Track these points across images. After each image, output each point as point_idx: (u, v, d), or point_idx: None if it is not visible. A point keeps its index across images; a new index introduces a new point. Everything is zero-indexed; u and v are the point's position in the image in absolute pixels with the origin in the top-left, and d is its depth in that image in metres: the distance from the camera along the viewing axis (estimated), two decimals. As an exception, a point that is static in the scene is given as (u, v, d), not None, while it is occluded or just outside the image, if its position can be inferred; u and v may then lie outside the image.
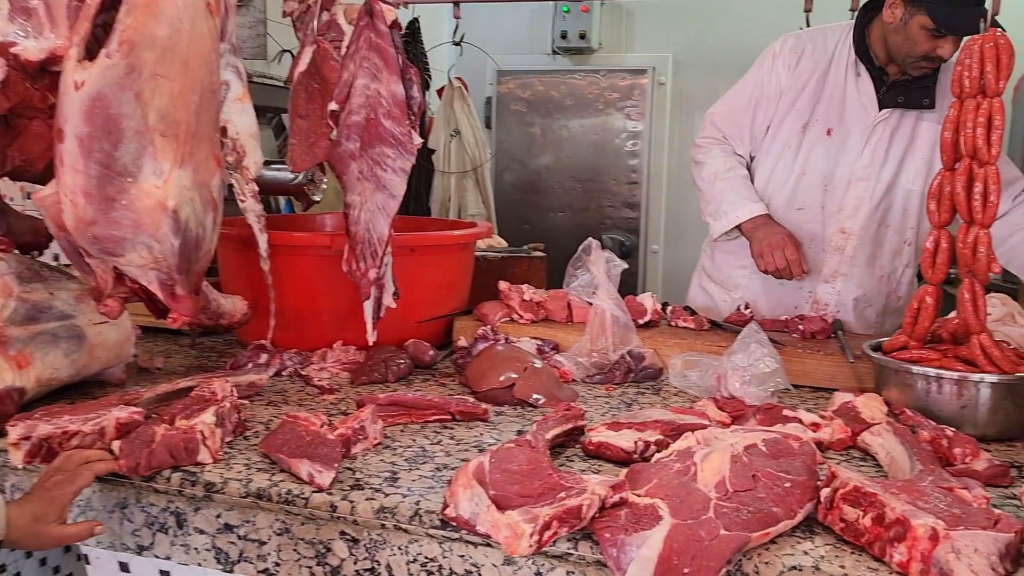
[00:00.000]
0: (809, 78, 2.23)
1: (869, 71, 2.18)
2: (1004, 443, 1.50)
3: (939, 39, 1.99)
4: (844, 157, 2.21)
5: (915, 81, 2.13)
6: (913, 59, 2.06)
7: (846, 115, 2.20)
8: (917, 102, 2.15)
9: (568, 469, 1.31)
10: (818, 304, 2.32)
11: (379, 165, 1.71)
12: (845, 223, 2.25)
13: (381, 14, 1.72)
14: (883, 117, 2.18)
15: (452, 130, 4.48)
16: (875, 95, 2.18)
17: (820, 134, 2.22)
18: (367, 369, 1.79)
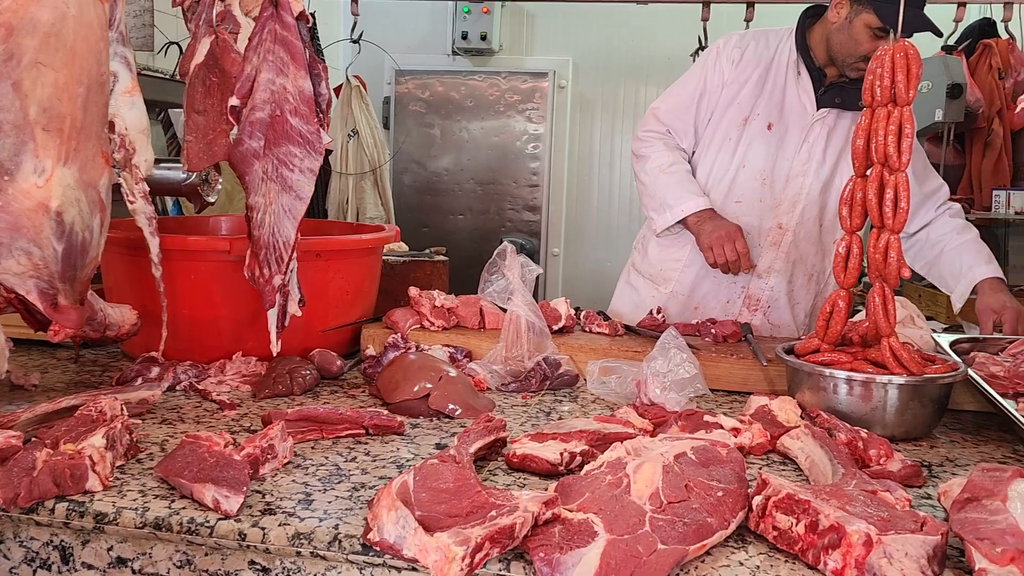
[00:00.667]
0: (751, 73, 2.27)
1: (809, 71, 2.24)
2: (911, 443, 1.54)
3: (881, 39, 2.05)
4: (783, 152, 2.26)
5: (852, 83, 2.19)
6: (853, 59, 2.13)
7: (785, 112, 2.26)
8: (853, 104, 2.22)
9: (493, 484, 1.26)
10: (750, 299, 2.35)
11: (285, 165, 1.61)
12: (783, 218, 2.29)
13: (287, 5, 1.63)
14: (820, 116, 2.24)
15: (350, 130, 4.36)
16: (814, 95, 2.24)
17: (760, 128, 2.27)
18: (270, 382, 1.69)
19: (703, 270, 2.35)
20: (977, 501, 1.09)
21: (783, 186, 2.27)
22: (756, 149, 2.26)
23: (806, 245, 2.31)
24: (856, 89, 2.17)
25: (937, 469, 1.40)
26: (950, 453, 1.48)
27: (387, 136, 5.26)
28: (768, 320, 2.37)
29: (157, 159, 2.15)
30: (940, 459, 1.45)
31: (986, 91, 3.99)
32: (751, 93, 2.26)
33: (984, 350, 1.85)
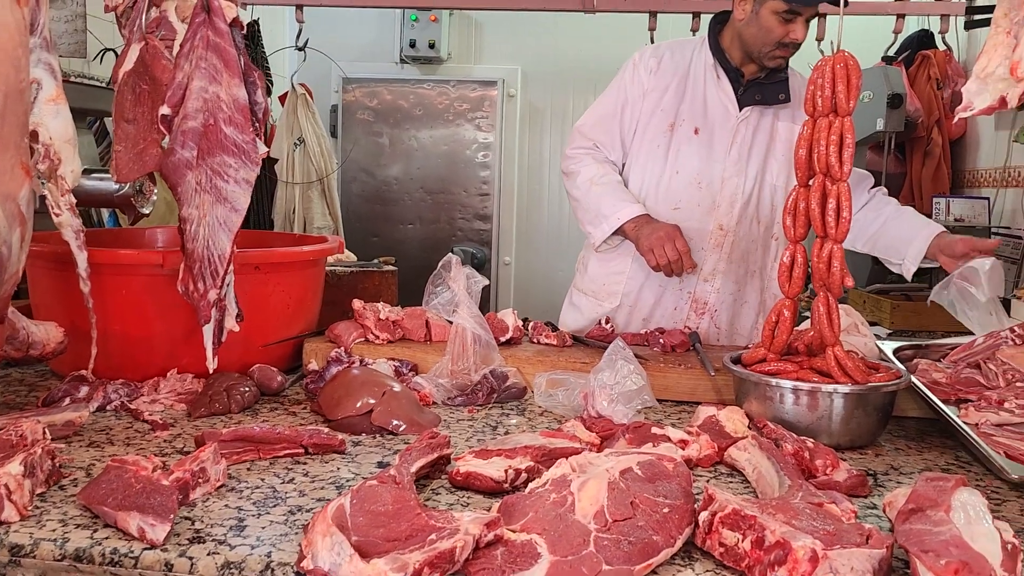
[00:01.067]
0: (671, 80, 2.30)
1: (727, 72, 2.27)
2: (856, 451, 1.54)
3: (790, 22, 2.12)
4: (713, 155, 2.28)
5: (769, 79, 2.25)
6: (769, 48, 2.18)
7: (709, 115, 2.28)
8: (774, 98, 2.27)
9: (435, 504, 1.22)
10: (697, 304, 2.36)
11: (220, 176, 1.55)
12: (722, 220, 2.30)
13: (220, 10, 1.57)
14: (744, 116, 2.27)
15: (296, 139, 4.28)
16: (734, 95, 2.27)
17: (688, 133, 2.29)
18: (207, 400, 1.63)
19: (647, 280, 2.35)
20: (921, 512, 1.08)
21: (719, 188, 2.28)
22: (686, 154, 2.28)
23: (748, 243, 2.33)
24: (773, 84, 2.25)
25: (883, 478, 1.40)
26: (895, 461, 1.49)
27: (335, 145, 5.19)
28: (715, 324, 2.37)
29: (89, 169, 2.09)
30: (885, 467, 1.46)
31: (925, 101, 4.08)
32: (673, 99, 2.29)
33: (927, 356, 1.87)
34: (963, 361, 1.77)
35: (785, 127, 2.29)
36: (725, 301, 2.35)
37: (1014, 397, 1.61)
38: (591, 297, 2.45)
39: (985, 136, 4.05)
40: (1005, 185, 3.80)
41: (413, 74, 5.41)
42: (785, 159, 2.28)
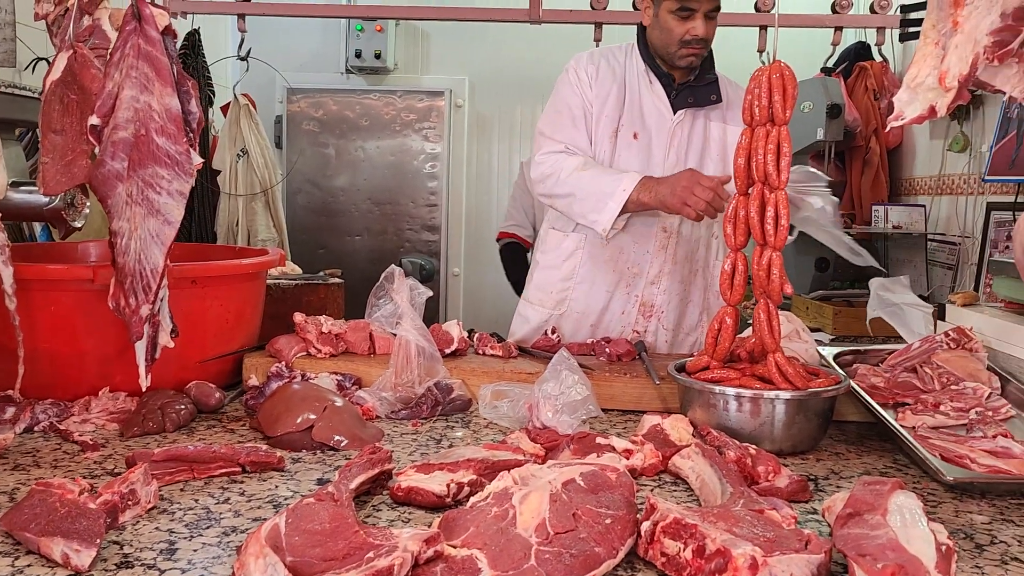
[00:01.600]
0: (610, 88, 2.33)
1: (659, 78, 2.32)
2: (798, 456, 1.55)
3: (688, 19, 2.18)
4: (652, 159, 2.31)
5: (699, 80, 2.30)
6: (674, 48, 2.23)
7: (646, 120, 2.32)
8: (706, 99, 2.31)
9: (376, 521, 1.20)
10: (645, 307, 2.38)
11: (151, 187, 1.51)
12: (665, 222, 2.32)
13: (151, 18, 1.54)
14: (679, 119, 2.31)
15: (239, 150, 4.20)
16: (668, 100, 2.31)
17: (628, 138, 2.32)
18: (140, 419, 1.58)
19: (592, 287, 2.37)
20: (859, 516, 1.09)
21: None
22: (628, 159, 2.31)
23: (690, 243, 2.37)
24: (704, 86, 2.30)
25: (823, 483, 1.42)
26: (835, 466, 1.50)
27: (279, 156, 5.11)
28: (663, 325, 2.39)
29: (17, 182, 2.02)
30: (826, 472, 1.47)
31: (863, 111, 4.17)
32: (614, 106, 2.32)
33: (865, 361, 1.90)
34: (900, 365, 1.81)
35: (717, 127, 2.34)
36: (672, 302, 2.38)
37: (949, 400, 1.65)
38: (539, 307, 2.45)
39: (921, 145, 4.17)
40: (940, 193, 3.91)
41: (359, 84, 5.36)
42: (720, 159, 2.33)
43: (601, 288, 2.37)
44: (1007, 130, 2.99)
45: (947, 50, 1.37)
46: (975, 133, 3.59)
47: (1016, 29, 1.33)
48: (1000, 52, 1.33)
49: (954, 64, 1.36)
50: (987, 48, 1.33)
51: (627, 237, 2.32)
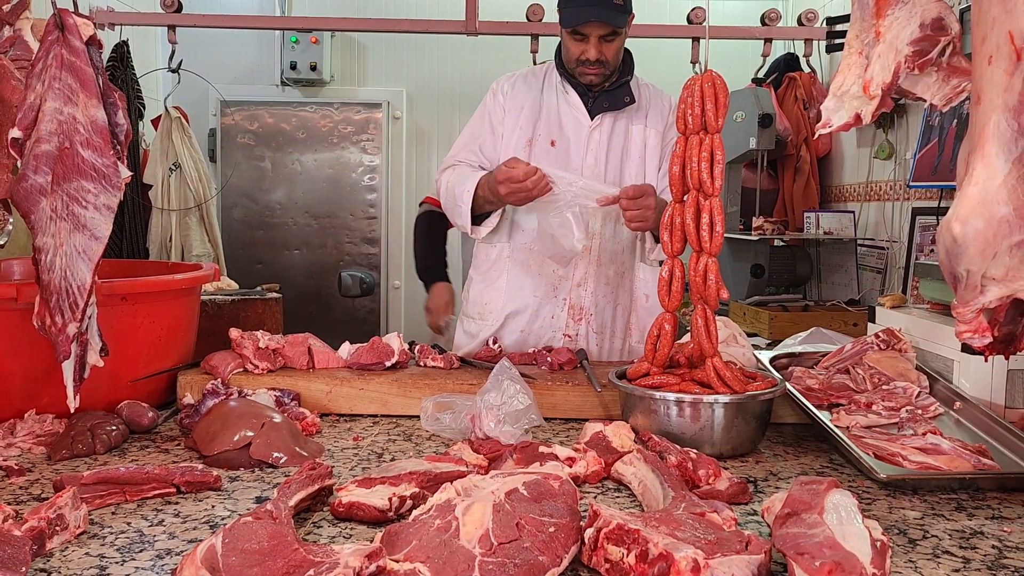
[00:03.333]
0: (526, 100, 2.41)
1: (575, 87, 2.37)
2: (738, 459, 1.58)
3: (581, 42, 2.25)
4: (570, 165, 2.35)
5: (614, 86, 2.35)
6: (574, 67, 2.32)
7: (564, 127, 2.38)
8: (620, 102, 2.37)
9: (316, 538, 1.18)
10: (574, 310, 2.40)
11: (77, 202, 1.46)
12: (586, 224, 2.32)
13: (75, 28, 1.49)
14: (596, 124, 2.37)
15: (171, 164, 4.11)
16: (584, 107, 2.37)
17: (545, 147, 2.38)
18: (68, 441, 1.52)
19: (519, 292, 2.40)
20: (797, 516, 1.11)
21: None
22: (544, 166, 2.28)
23: (614, 245, 2.40)
24: (617, 89, 2.36)
25: (762, 484, 1.44)
26: (774, 467, 1.53)
27: (214, 169, 5.01)
28: (592, 328, 2.41)
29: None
30: (765, 473, 1.50)
31: (793, 121, 4.29)
32: (529, 117, 2.39)
33: (801, 364, 1.94)
34: (834, 367, 1.85)
35: (638, 130, 2.39)
36: (599, 304, 2.41)
37: (881, 400, 1.69)
38: (477, 320, 2.47)
39: (848, 153, 4.29)
40: (868, 199, 4.03)
41: (295, 97, 5.30)
42: (640, 160, 2.39)
43: (529, 294, 2.41)
44: (929, 137, 3.10)
45: (870, 59, 1.42)
46: (899, 141, 3.71)
47: (935, 39, 1.38)
48: (920, 61, 1.38)
49: (877, 73, 1.40)
50: (908, 57, 1.38)
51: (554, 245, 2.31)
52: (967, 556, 1.14)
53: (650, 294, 2.44)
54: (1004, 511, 1.31)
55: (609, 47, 2.25)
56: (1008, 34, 1.09)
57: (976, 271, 1.14)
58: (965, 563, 1.12)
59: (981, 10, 1.14)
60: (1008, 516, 1.29)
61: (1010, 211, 1.10)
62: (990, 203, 1.11)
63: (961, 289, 1.17)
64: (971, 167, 1.14)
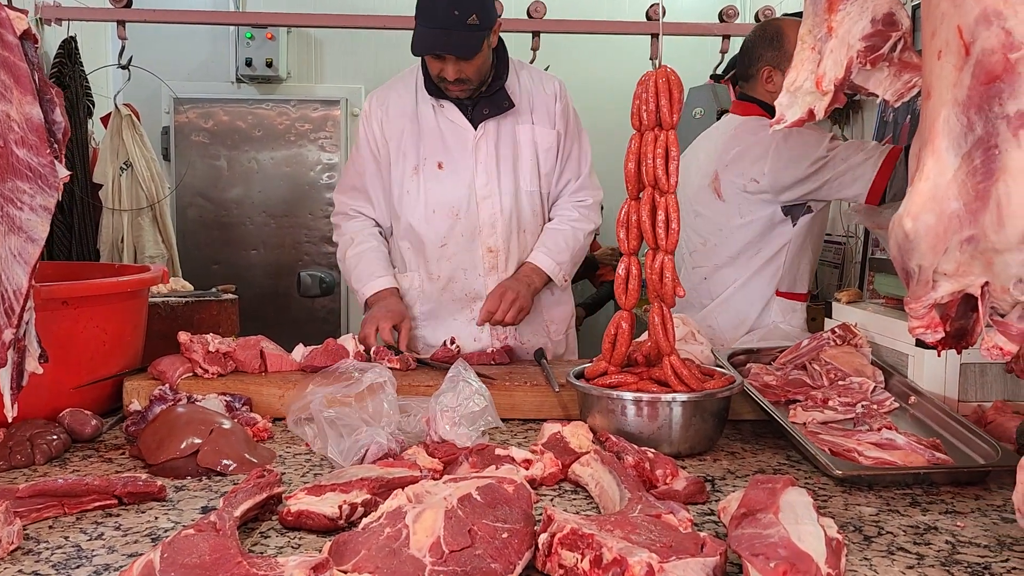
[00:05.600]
0: (403, 125, 2.30)
1: (450, 99, 2.27)
2: (696, 458, 1.57)
3: (438, 59, 2.14)
4: (462, 182, 2.28)
5: (490, 89, 2.26)
6: (437, 82, 2.22)
7: (449, 145, 2.28)
8: (499, 107, 2.27)
9: (263, 549, 1.14)
10: (496, 328, 2.35)
11: (12, 203, 1.40)
12: (489, 242, 2.31)
13: (7, 22, 1.43)
14: (480, 133, 2.28)
15: (122, 162, 4.01)
16: (465, 117, 2.28)
17: (432, 170, 2.29)
18: (6, 452, 1.46)
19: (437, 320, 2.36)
20: (752, 516, 1.10)
21: (476, 213, 2.29)
22: (436, 191, 2.29)
23: (520, 255, 2.35)
24: (495, 93, 2.26)
25: (720, 483, 1.43)
26: (731, 465, 1.52)
27: (167, 168, 4.91)
28: (520, 340, 2.38)
29: None
30: (723, 472, 1.49)
31: (751, 116, 4.31)
32: (412, 142, 2.30)
33: (758, 360, 1.94)
34: (791, 363, 1.85)
35: (525, 130, 2.30)
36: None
37: (837, 395, 1.70)
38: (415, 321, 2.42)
39: (806, 149, 4.32)
40: (825, 195, 4.06)
41: (251, 94, 5.21)
42: (532, 163, 2.32)
43: (447, 318, 2.35)
44: (884, 133, 3.13)
45: (823, 55, 1.41)
46: (855, 136, 3.74)
47: (886, 34, 1.38)
48: (872, 56, 1.38)
49: (830, 68, 1.40)
50: (860, 52, 1.38)
51: (452, 265, 2.32)
52: (921, 552, 1.14)
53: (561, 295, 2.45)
54: (957, 505, 1.31)
55: (468, 65, 2.13)
56: (957, 29, 1.08)
57: (928, 266, 1.14)
58: (919, 559, 1.12)
59: (930, 5, 1.14)
60: (961, 511, 1.29)
61: (960, 206, 1.09)
62: (941, 198, 1.11)
63: (913, 285, 1.17)
64: (922, 162, 1.14)
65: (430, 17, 2.09)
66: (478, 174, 2.27)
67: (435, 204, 2.28)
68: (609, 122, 3.82)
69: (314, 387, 1.68)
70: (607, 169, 2.68)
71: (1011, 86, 1.00)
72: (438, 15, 2.07)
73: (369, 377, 1.67)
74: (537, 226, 2.35)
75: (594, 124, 5.18)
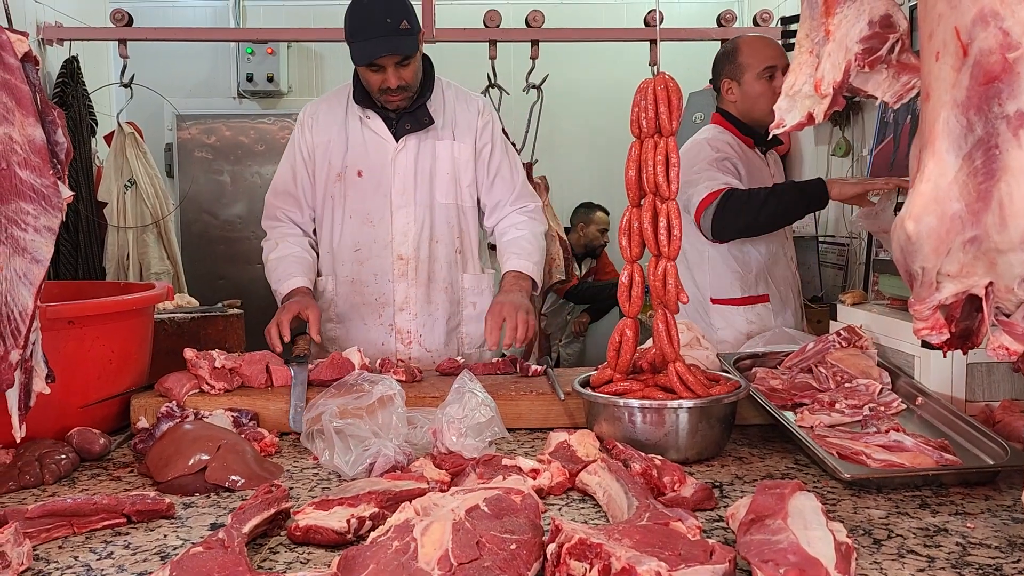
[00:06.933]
0: (332, 133, 2.41)
1: (378, 112, 2.38)
2: (704, 463, 1.56)
3: (378, 72, 2.24)
4: (380, 191, 2.38)
5: (414, 105, 2.35)
6: (377, 95, 2.31)
7: (370, 155, 2.38)
8: (421, 123, 2.37)
9: (272, 565, 1.14)
10: (401, 334, 2.41)
11: (16, 224, 1.41)
12: (400, 250, 2.39)
13: (8, 44, 1.44)
14: (401, 147, 2.37)
15: (126, 180, 4.03)
16: (388, 130, 2.38)
17: (353, 178, 2.39)
18: (15, 472, 1.47)
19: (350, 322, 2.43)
20: (760, 521, 1.10)
21: (390, 221, 2.38)
22: (354, 197, 2.40)
23: (431, 265, 2.41)
24: (418, 110, 2.36)
25: (728, 488, 1.43)
26: (739, 470, 1.52)
27: (171, 185, 4.93)
28: (424, 347, 2.41)
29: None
30: (731, 477, 1.48)
31: (752, 120, 4.31)
32: (338, 150, 2.40)
33: (764, 364, 1.94)
34: (797, 367, 1.85)
35: (445, 145, 2.40)
36: (426, 324, 2.42)
37: (844, 398, 1.69)
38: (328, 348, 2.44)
39: (807, 151, 4.33)
40: (827, 196, 4.05)
41: (253, 109, 5.23)
42: (451, 177, 2.40)
43: (358, 321, 2.43)
44: (885, 134, 3.13)
45: (821, 58, 1.41)
46: (856, 138, 3.75)
47: (884, 36, 1.39)
48: (870, 58, 1.38)
49: (828, 71, 1.40)
50: (858, 55, 1.38)
51: (362, 268, 2.40)
52: (931, 555, 1.13)
53: (477, 302, 2.47)
54: (967, 506, 1.31)
55: (407, 71, 2.24)
56: (954, 30, 1.09)
57: (931, 268, 1.13)
58: (930, 562, 1.11)
59: (927, 6, 1.14)
60: (971, 511, 1.29)
61: (962, 207, 1.09)
62: (942, 200, 1.11)
63: (917, 286, 1.17)
64: (922, 164, 1.14)
65: (365, 29, 2.20)
66: (395, 184, 2.36)
67: (352, 210, 2.39)
68: (609, 129, 3.82)
69: (325, 399, 1.69)
70: (608, 175, 2.70)
71: (1010, 86, 1.00)
72: (374, 25, 2.18)
73: (379, 390, 1.67)
74: (451, 237, 2.42)
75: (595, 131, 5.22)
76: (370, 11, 2.19)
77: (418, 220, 2.37)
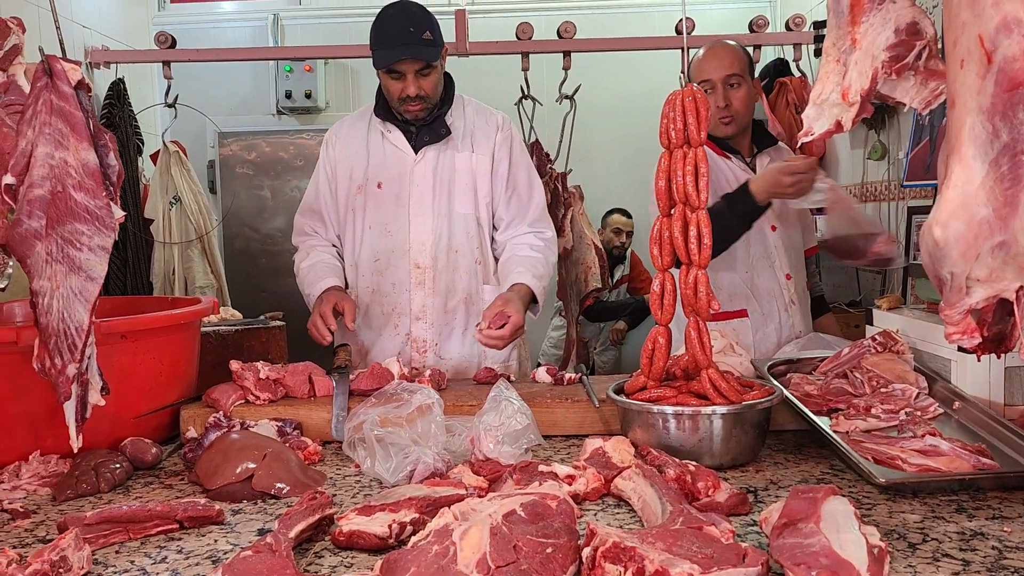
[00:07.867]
0: (355, 147, 2.47)
1: (397, 125, 2.43)
2: (738, 469, 1.58)
3: (398, 80, 2.29)
4: (398, 202, 2.42)
5: (431, 116, 2.39)
6: (396, 105, 2.36)
7: (389, 168, 2.43)
8: (438, 135, 2.41)
9: (318, 569, 1.18)
10: (416, 343, 2.43)
11: (72, 244, 1.48)
12: (417, 259, 2.41)
13: (63, 73, 1.51)
14: (419, 159, 2.41)
15: (171, 197, 4.15)
16: (408, 142, 2.42)
17: (373, 190, 2.44)
18: (73, 481, 1.53)
19: (364, 330, 2.46)
20: (793, 525, 1.12)
21: (407, 231, 2.41)
22: (373, 209, 2.44)
23: (449, 274, 2.43)
24: (435, 121, 2.40)
25: (762, 494, 1.44)
26: (774, 476, 1.53)
27: (214, 201, 5.06)
28: (440, 356, 2.43)
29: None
30: (765, 483, 1.50)
31: (786, 124, 4.29)
32: (359, 164, 2.45)
33: (799, 370, 1.94)
34: (832, 372, 1.85)
35: (463, 158, 2.42)
36: (442, 333, 2.43)
37: (880, 403, 1.69)
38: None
39: (843, 155, 4.30)
40: (864, 200, 4.03)
41: (291, 125, 5.35)
42: (469, 187, 2.43)
43: (373, 329, 2.46)
44: (921, 136, 3.11)
45: (848, 67, 1.43)
46: (892, 141, 3.72)
47: (910, 44, 1.40)
48: (897, 66, 1.39)
49: (855, 80, 1.41)
50: (885, 63, 1.39)
51: (381, 279, 2.43)
52: (967, 558, 1.14)
53: None
54: (1004, 511, 1.31)
55: (426, 81, 2.29)
56: (978, 38, 1.10)
57: (960, 273, 1.14)
58: (965, 565, 1.12)
59: (951, 14, 1.15)
60: (1008, 516, 1.29)
61: (990, 212, 1.10)
62: (969, 205, 1.12)
63: (947, 292, 1.18)
64: (949, 170, 1.15)
65: (388, 38, 2.26)
66: (413, 195, 2.40)
67: (371, 221, 2.44)
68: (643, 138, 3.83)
69: (366, 408, 1.73)
70: (640, 184, 2.70)
71: (1033, 93, 1.01)
72: (396, 34, 2.25)
73: (418, 399, 1.72)
74: (471, 247, 2.44)
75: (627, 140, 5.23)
76: (395, 20, 2.27)
77: (436, 229, 2.41)
